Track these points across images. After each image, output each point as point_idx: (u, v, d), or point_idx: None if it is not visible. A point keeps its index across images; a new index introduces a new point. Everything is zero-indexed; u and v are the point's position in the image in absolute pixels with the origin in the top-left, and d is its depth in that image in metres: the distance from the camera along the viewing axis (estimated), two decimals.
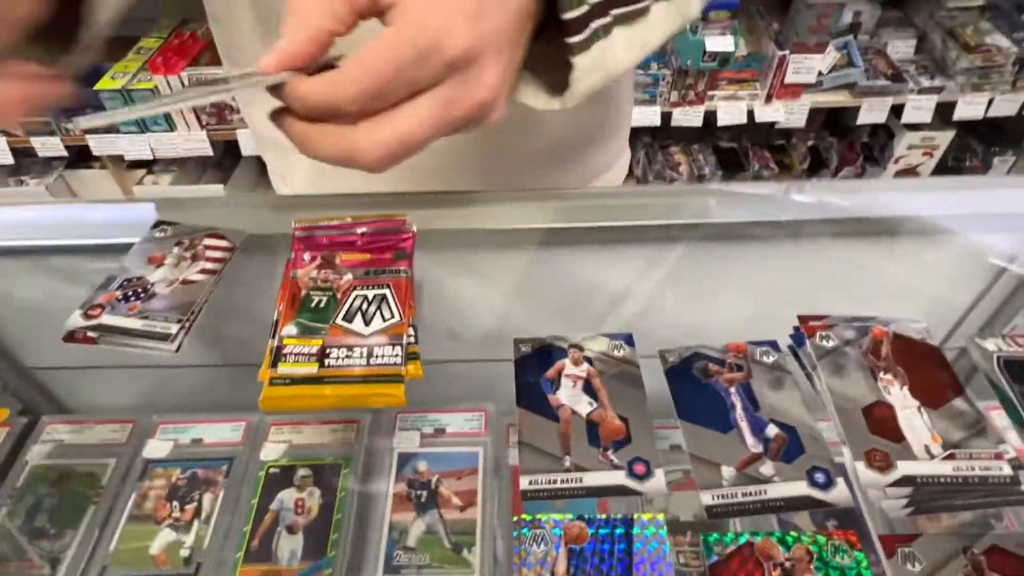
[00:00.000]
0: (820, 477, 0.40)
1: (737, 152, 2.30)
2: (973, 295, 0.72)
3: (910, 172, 2.24)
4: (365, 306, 0.47)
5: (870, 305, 0.64)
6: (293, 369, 0.44)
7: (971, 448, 0.40)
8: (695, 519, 0.42)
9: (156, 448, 0.62)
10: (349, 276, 0.49)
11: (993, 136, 2.21)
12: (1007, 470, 0.38)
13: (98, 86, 1.94)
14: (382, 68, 0.31)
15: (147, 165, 2.31)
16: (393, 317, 0.47)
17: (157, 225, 0.57)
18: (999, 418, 0.45)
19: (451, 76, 0.32)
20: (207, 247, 0.55)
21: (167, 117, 2.03)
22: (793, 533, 0.39)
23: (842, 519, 0.43)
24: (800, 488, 0.39)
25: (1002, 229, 0.72)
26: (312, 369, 0.44)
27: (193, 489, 0.59)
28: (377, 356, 0.44)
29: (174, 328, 0.48)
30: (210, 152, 2.13)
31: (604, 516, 0.39)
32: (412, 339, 0.47)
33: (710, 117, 1.96)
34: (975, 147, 2.23)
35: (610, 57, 0.37)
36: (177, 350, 0.48)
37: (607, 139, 0.75)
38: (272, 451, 0.61)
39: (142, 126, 2.05)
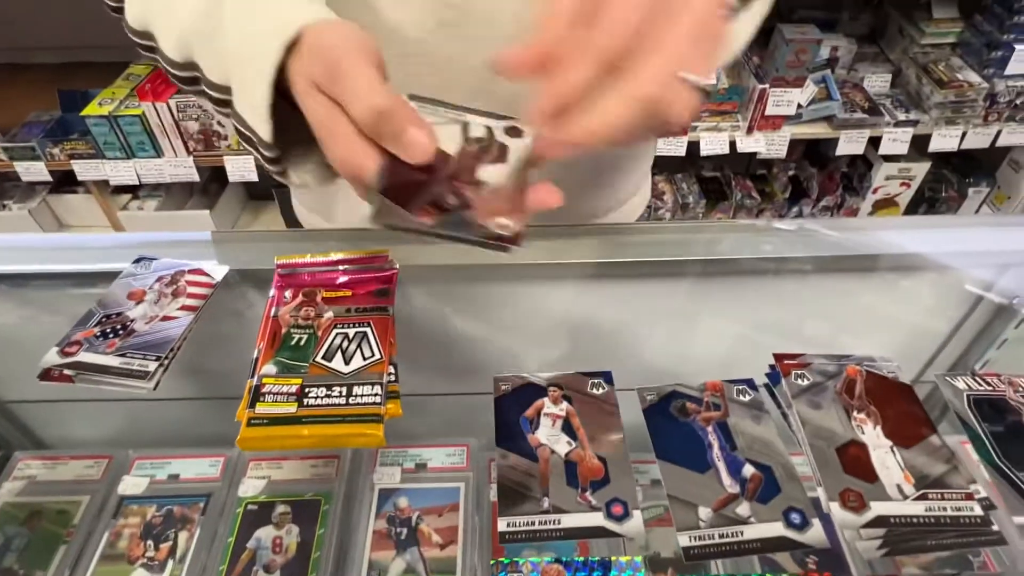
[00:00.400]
0: (796, 518, 0.40)
1: (720, 181, 2.33)
2: (948, 329, 0.73)
3: (888, 202, 2.29)
4: (345, 344, 0.47)
5: (848, 339, 0.66)
6: (271, 409, 0.44)
7: (943, 488, 0.40)
8: (675, 556, 0.42)
9: (131, 484, 0.61)
10: (330, 314, 0.49)
11: (968, 167, 2.27)
12: (977, 510, 0.39)
13: (84, 112, 1.94)
14: None
15: (132, 190, 2.31)
16: (373, 355, 0.47)
17: (139, 260, 0.57)
18: (970, 452, 0.46)
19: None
20: (189, 283, 0.55)
21: (154, 142, 2.03)
22: (770, 575, 0.39)
23: (824, 556, 0.43)
24: (776, 529, 0.40)
25: (975, 265, 0.74)
26: (291, 409, 0.44)
27: (169, 527, 0.58)
28: (356, 395, 0.44)
29: (152, 366, 0.48)
30: (196, 178, 2.12)
31: (582, 558, 0.39)
32: (392, 377, 0.47)
33: (693, 147, 1.99)
34: (950, 178, 2.28)
35: (734, 36, 0.38)
36: (155, 388, 0.48)
37: (633, 164, 0.75)
38: (250, 487, 0.61)
39: (128, 151, 2.04)
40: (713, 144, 1.98)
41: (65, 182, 2.27)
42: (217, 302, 0.57)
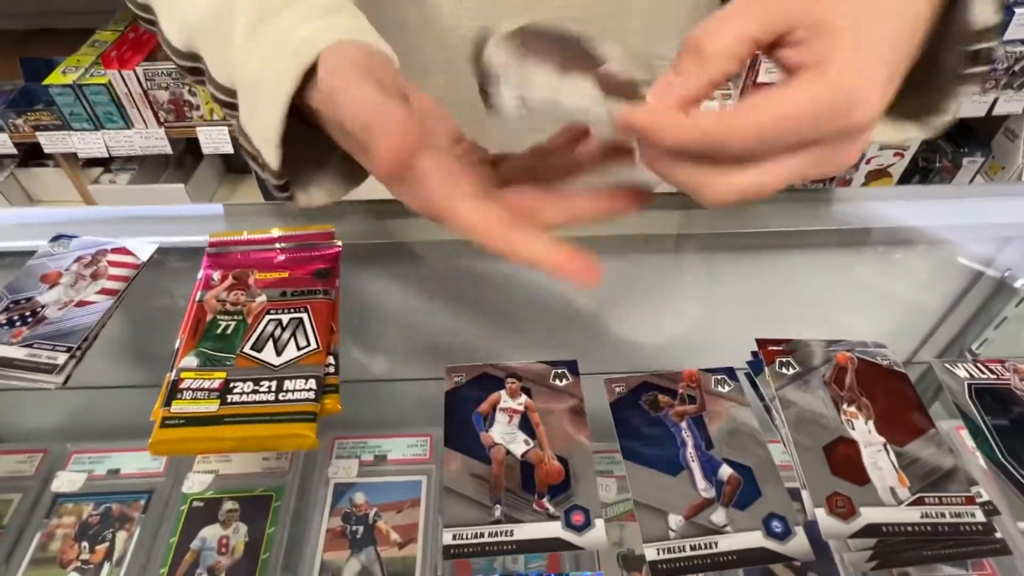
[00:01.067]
0: (777, 526, 0.36)
1: None
2: (944, 307, 0.69)
3: (881, 172, 2.24)
4: (278, 332, 0.42)
5: (838, 318, 0.61)
6: (190, 407, 0.39)
7: (941, 491, 0.36)
8: None
9: (67, 481, 0.56)
10: (263, 298, 0.44)
11: (963, 137, 2.22)
12: (979, 516, 0.34)
13: (47, 81, 1.86)
14: (790, 117, 0.28)
15: (104, 164, 2.22)
16: (309, 345, 0.42)
17: (57, 238, 0.52)
18: (964, 438, 0.42)
19: (841, 138, 0.29)
20: (111, 263, 0.49)
21: (122, 113, 1.94)
22: None
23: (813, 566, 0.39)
24: (755, 539, 0.35)
25: (972, 239, 0.70)
26: (212, 407, 0.39)
27: (106, 527, 0.54)
28: (288, 391, 0.39)
29: (61, 358, 0.43)
30: (169, 150, 2.04)
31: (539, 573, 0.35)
32: (331, 369, 0.42)
33: None
34: (945, 148, 2.23)
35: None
36: (65, 383, 0.43)
37: None
38: (196, 482, 0.56)
39: (95, 122, 1.96)
40: None
41: (34, 155, 2.18)
42: (148, 284, 0.52)
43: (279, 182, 0.40)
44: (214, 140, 2.02)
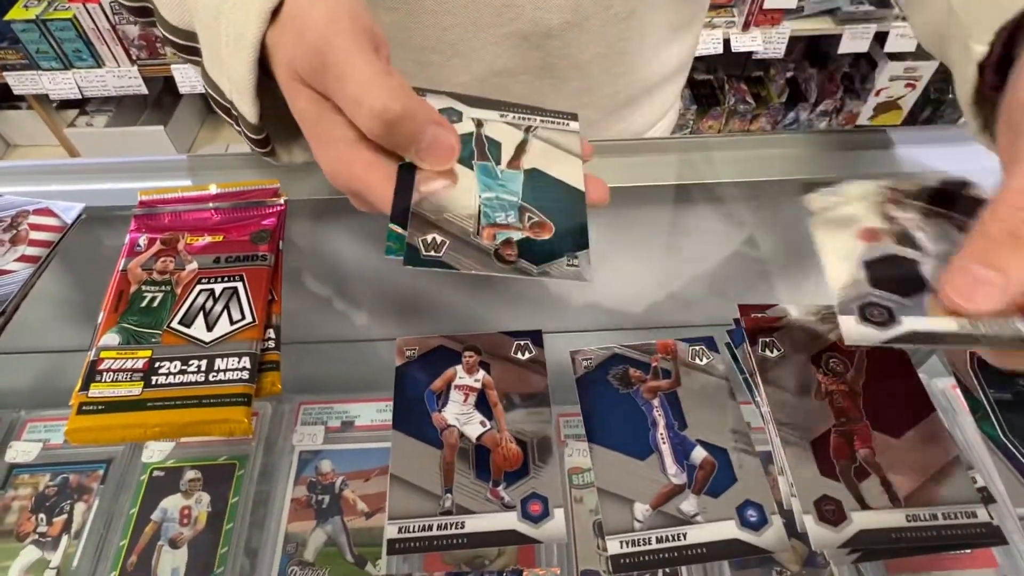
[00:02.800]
0: (752, 515, 0.33)
1: (713, 85, 2.17)
2: None
3: (891, 104, 2.14)
4: (210, 304, 0.38)
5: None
6: (110, 391, 0.35)
7: (942, 487, 0.32)
8: None
9: (22, 451, 0.54)
10: (194, 265, 0.40)
11: None
12: (983, 516, 0.31)
13: (9, 16, 1.75)
14: None
15: (79, 105, 2.13)
16: (244, 318, 0.38)
17: None
18: (959, 396, 0.39)
19: None
20: (32, 226, 0.45)
21: (91, 50, 1.84)
22: None
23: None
24: (728, 530, 0.32)
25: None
26: (135, 390, 0.35)
27: (64, 499, 0.52)
28: (219, 371, 0.36)
29: None
30: (144, 90, 1.95)
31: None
32: (271, 344, 0.38)
33: None
34: None
35: None
36: None
37: (667, 86, 0.65)
38: (156, 451, 0.54)
39: (64, 61, 1.86)
40: (705, 43, 1.81)
41: (5, 97, 2.09)
42: (79, 249, 0.48)
43: (257, 137, 0.36)
44: (191, 79, 1.92)
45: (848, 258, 0.29)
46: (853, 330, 0.26)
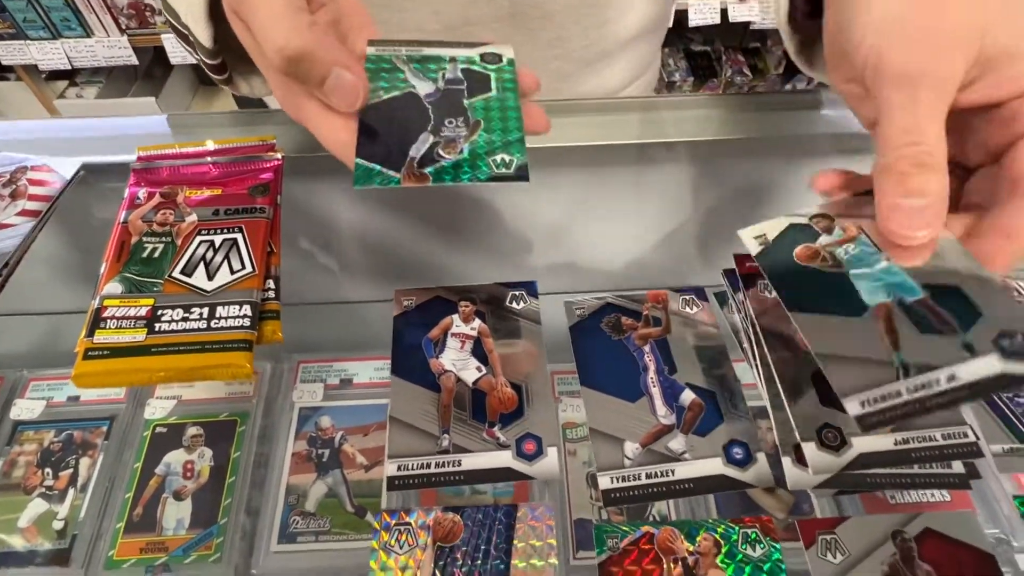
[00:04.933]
0: (738, 452, 0.34)
1: (710, 56, 2.15)
2: None
3: None
4: (210, 255, 0.39)
5: None
6: (114, 337, 0.36)
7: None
8: None
9: (26, 408, 0.55)
10: (193, 217, 0.40)
11: None
12: (970, 436, 0.32)
13: None
14: None
15: (69, 76, 2.11)
16: (244, 268, 0.39)
17: None
18: None
19: None
20: (31, 181, 0.45)
21: (80, 19, 1.82)
22: (709, 520, 0.33)
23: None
24: (714, 466, 0.33)
25: None
26: (139, 336, 0.36)
27: (69, 454, 0.53)
28: (220, 318, 0.37)
29: None
30: (135, 60, 1.93)
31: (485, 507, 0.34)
32: (271, 294, 0.39)
33: (681, 17, 1.80)
34: None
35: None
36: None
37: (644, 44, 0.65)
38: (159, 408, 0.55)
39: (53, 30, 1.83)
40: (703, 13, 1.79)
41: None
42: (77, 210, 0.48)
43: (213, 61, 0.36)
44: (181, 49, 1.90)
45: None
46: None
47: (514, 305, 0.40)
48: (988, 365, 0.27)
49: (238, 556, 0.45)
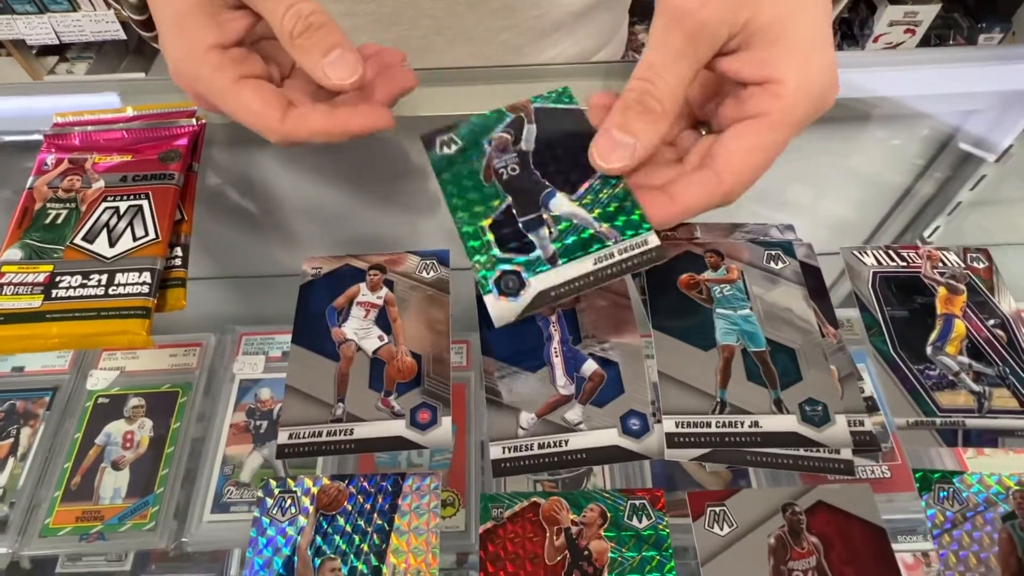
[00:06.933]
0: (635, 423, 0.33)
1: None
2: (900, 191, 0.64)
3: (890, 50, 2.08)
4: (114, 221, 0.38)
5: (781, 201, 0.56)
6: (11, 303, 0.36)
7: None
8: None
9: None
10: (101, 184, 0.40)
11: (982, 10, 2.03)
12: (868, 425, 0.32)
13: None
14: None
15: (59, 52, 2.10)
16: (147, 235, 0.38)
17: None
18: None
19: None
20: None
21: None
22: (599, 491, 0.33)
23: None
24: (609, 437, 0.33)
25: (941, 112, 0.63)
26: (35, 303, 0.36)
27: (10, 423, 0.53)
28: (119, 284, 0.36)
29: None
30: (122, 35, 1.92)
31: (371, 475, 0.33)
32: (178, 262, 0.39)
33: None
34: (961, 23, 2.05)
35: None
36: None
37: (604, 11, 0.63)
38: (101, 379, 0.55)
39: (39, 4, 1.82)
40: None
41: None
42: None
43: (140, 17, 0.36)
44: None
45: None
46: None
47: (423, 274, 0.39)
48: (787, 422, 0.32)
49: (173, 525, 0.46)
